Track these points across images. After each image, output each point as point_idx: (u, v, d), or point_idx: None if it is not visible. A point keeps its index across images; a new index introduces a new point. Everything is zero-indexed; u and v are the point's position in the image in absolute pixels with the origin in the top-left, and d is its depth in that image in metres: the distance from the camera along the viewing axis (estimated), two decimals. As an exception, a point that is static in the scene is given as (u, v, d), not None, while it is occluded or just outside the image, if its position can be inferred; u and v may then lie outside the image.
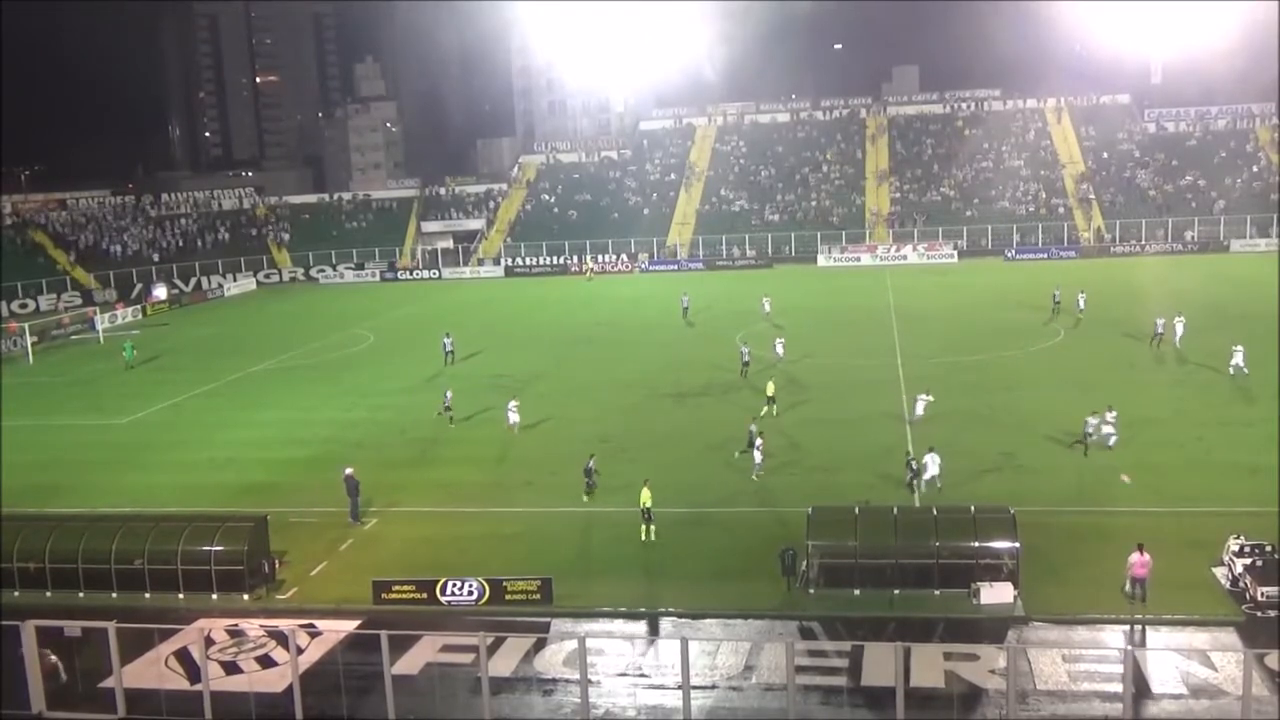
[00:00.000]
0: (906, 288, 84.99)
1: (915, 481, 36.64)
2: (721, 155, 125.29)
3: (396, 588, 30.06)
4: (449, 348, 62.36)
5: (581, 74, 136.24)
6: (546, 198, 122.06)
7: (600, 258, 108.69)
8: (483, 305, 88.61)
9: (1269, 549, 28.40)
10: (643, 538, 33.48)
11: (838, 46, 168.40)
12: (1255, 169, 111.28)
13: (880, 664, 24.30)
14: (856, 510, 31.30)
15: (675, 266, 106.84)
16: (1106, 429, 39.90)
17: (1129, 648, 25.12)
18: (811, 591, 29.38)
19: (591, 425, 46.99)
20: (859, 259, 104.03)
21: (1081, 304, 67.38)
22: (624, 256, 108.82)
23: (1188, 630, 26.85)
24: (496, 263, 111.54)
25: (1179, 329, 57.21)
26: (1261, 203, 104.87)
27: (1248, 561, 28.04)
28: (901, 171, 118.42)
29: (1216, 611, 27.44)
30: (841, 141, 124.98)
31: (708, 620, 28.41)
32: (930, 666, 24.72)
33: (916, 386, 50.57)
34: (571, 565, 31.74)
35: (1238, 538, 29.26)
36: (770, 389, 47.83)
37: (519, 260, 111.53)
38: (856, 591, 29.15)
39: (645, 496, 33.68)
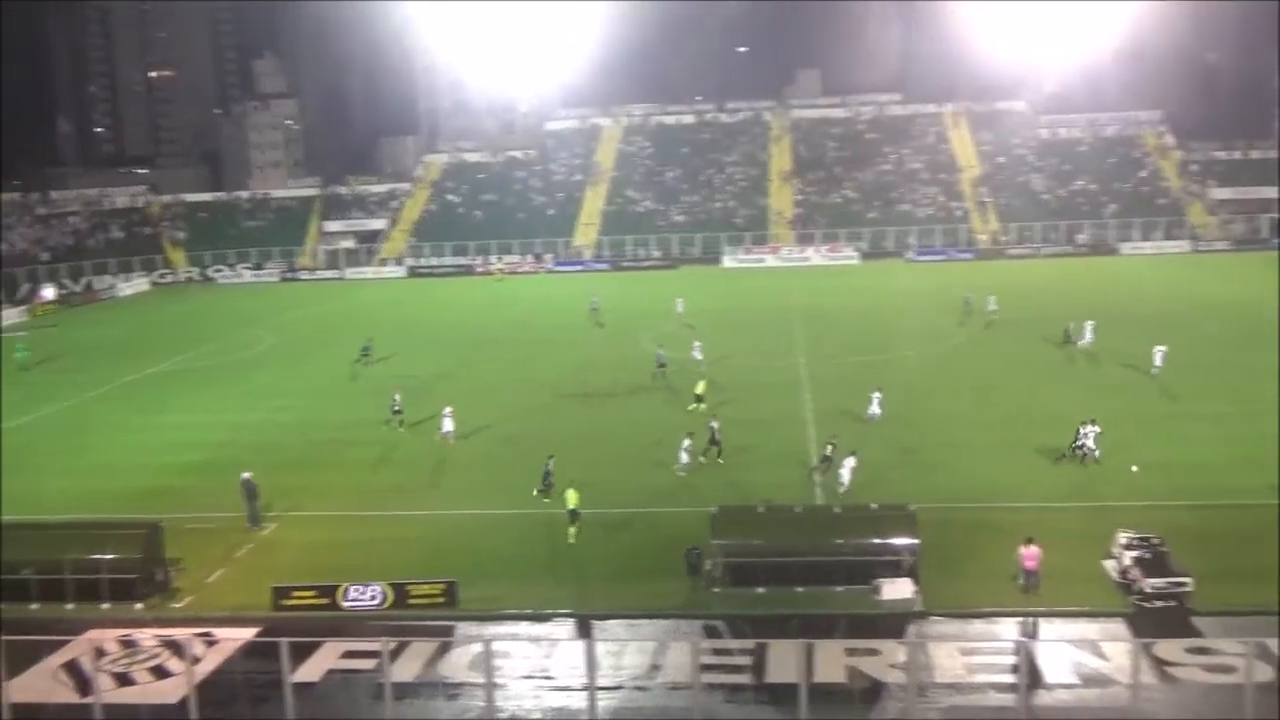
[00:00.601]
0: (810, 288, 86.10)
1: (822, 467, 37.42)
2: (627, 156, 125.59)
3: (297, 593, 29.53)
4: (368, 350, 61.62)
5: (486, 73, 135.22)
6: (451, 197, 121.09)
7: (505, 258, 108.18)
8: (388, 306, 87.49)
9: (1156, 542, 29.33)
10: (569, 539, 33.45)
11: (742, 49, 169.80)
12: (1143, 174, 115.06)
13: (784, 661, 24.54)
14: (761, 509, 31.62)
15: (581, 267, 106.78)
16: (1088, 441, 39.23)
17: (1024, 640, 25.72)
18: (717, 590, 29.58)
19: (500, 426, 46.72)
20: (763, 260, 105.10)
21: (992, 305, 68.81)
22: (530, 257, 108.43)
23: (1080, 622, 27.58)
24: (400, 263, 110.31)
25: (1088, 332, 58.79)
26: (1148, 207, 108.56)
27: (1136, 554, 28.91)
28: (804, 173, 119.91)
29: (1107, 603, 28.26)
30: (746, 143, 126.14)
31: (614, 621, 28.41)
32: (833, 662, 25.05)
33: (821, 387, 51.44)
34: (478, 568, 31.49)
35: (1126, 531, 30.16)
36: (700, 388, 48.32)
37: (423, 261, 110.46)
38: (761, 589, 29.43)
39: (572, 498, 33.69)
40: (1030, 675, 23.40)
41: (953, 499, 35.71)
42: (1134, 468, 37.86)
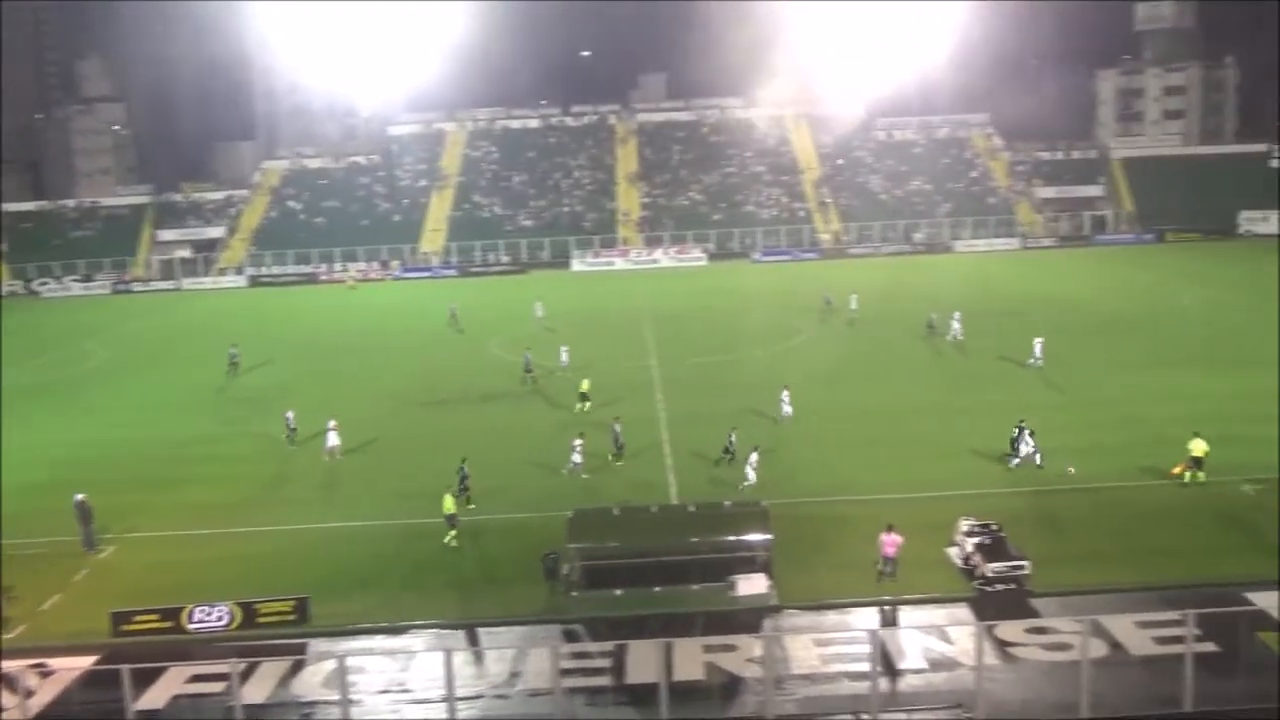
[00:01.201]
0: (661, 290, 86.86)
1: (726, 458, 38.85)
2: (473, 161, 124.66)
3: (138, 618, 28.37)
4: (235, 358, 59.71)
5: (325, 76, 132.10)
6: (292, 204, 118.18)
7: (353, 265, 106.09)
8: (229, 316, 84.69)
9: (995, 528, 30.54)
10: (446, 540, 33.35)
11: (585, 54, 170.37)
12: (974, 174, 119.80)
13: (643, 661, 24.70)
14: (616, 511, 31.72)
15: (429, 274, 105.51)
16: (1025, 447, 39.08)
17: (874, 629, 26.43)
18: (574, 594, 29.55)
19: (356, 435, 45.53)
20: (612, 263, 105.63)
21: (854, 305, 70.32)
22: (376, 264, 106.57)
23: (926, 608, 28.51)
24: (240, 272, 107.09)
25: (955, 324, 60.87)
26: (979, 206, 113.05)
27: (977, 541, 30.04)
28: (651, 177, 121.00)
29: (951, 589, 29.29)
30: (592, 147, 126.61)
31: (472, 630, 28.12)
32: (691, 660, 25.30)
33: (672, 387, 51.83)
34: (331, 582, 30.78)
35: (968, 519, 31.31)
36: (584, 385, 48.66)
37: (265, 270, 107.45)
38: (618, 591, 29.50)
39: (448, 503, 33.49)
40: (882, 662, 24.05)
41: (805, 494, 36.49)
42: (1070, 469, 38.05)
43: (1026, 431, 38.94)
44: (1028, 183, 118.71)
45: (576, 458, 39.31)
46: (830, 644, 26.39)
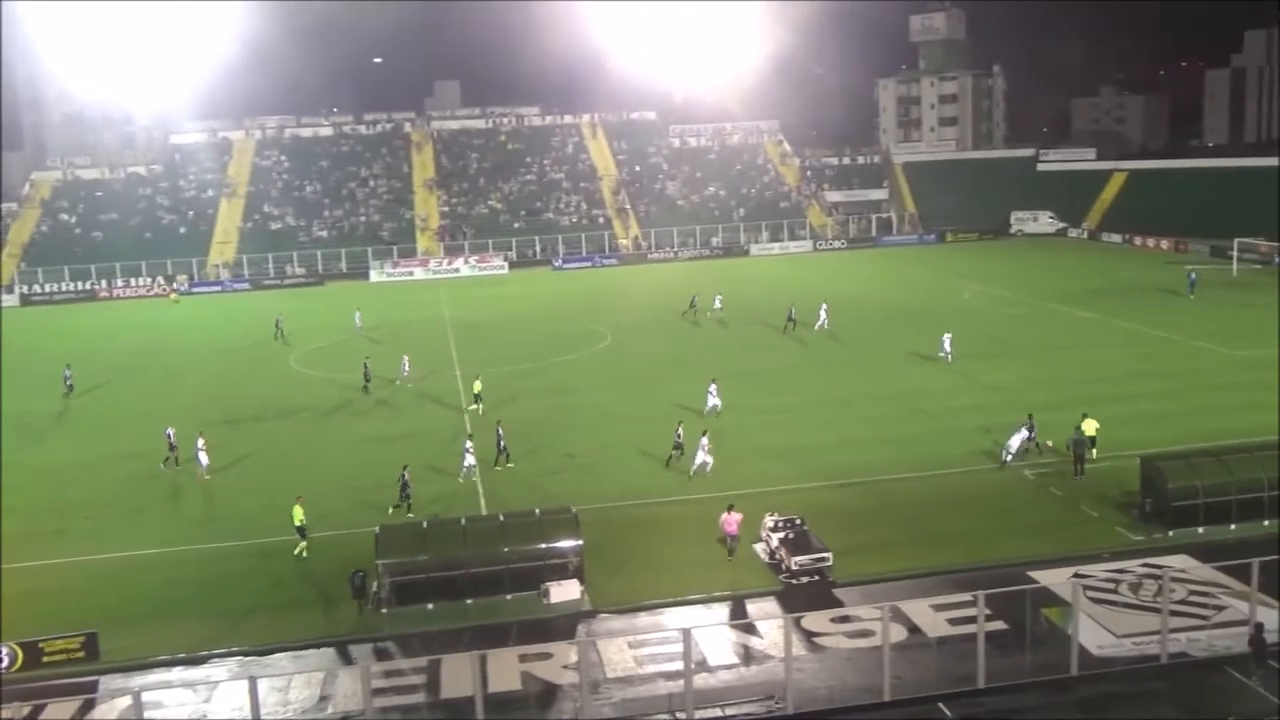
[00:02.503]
0: (461, 299, 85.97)
1: (675, 455, 39.60)
2: (263, 170, 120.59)
3: (-95, 666, 26.22)
4: (69, 380, 56.89)
5: (99, 82, 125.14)
6: (66, 218, 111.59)
7: (135, 280, 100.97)
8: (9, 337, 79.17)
9: (799, 523, 31.46)
10: (296, 552, 32.73)
11: (377, 60, 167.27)
12: (766, 179, 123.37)
13: (458, 675, 24.37)
14: (424, 524, 31.26)
15: (219, 287, 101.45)
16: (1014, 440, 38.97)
17: (687, 627, 26.83)
18: (384, 611, 28.95)
19: (151, 456, 43.35)
20: (412, 273, 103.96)
21: (718, 304, 72.47)
22: (160, 279, 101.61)
23: (736, 604, 29.09)
24: (11, 290, 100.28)
25: (822, 315, 64.02)
26: (773, 210, 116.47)
27: (782, 535, 30.89)
28: (449, 185, 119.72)
29: (760, 584, 30.00)
30: (387, 155, 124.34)
31: (277, 655, 27.13)
32: (507, 670, 25.12)
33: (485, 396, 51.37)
34: (122, 615, 29.16)
35: (773, 515, 32.15)
36: (477, 386, 49.12)
37: (37, 287, 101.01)
38: (430, 605, 29.07)
39: (297, 514, 32.87)
40: (695, 660, 24.41)
41: (615, 498, 36.75)
42: (1049, 443, 39.10)
43: (1025, 427, 38.83)
44: (816, 187, 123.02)
45: (470, 460, 39.13)
46: (644, 645, 26.65)
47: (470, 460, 39.28)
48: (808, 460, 40.02)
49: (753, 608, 28.78)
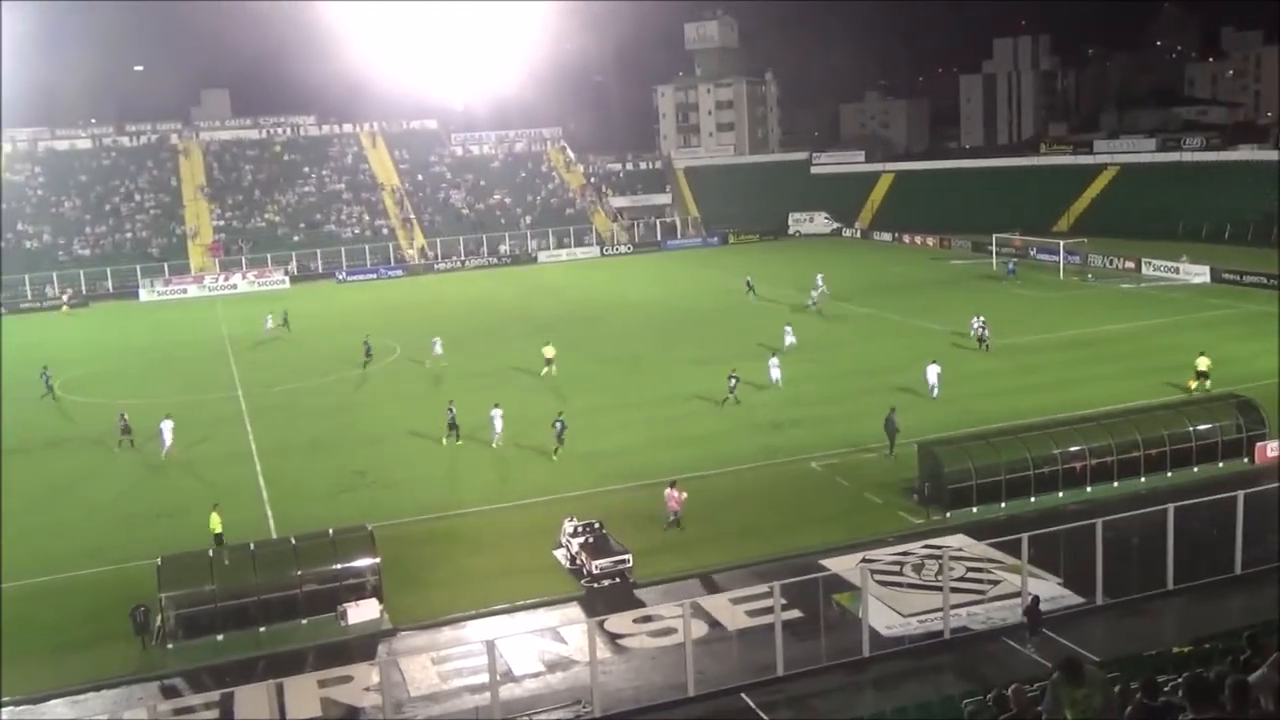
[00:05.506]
0: (238, 317, 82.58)
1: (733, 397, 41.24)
2: (15, 186, 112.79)
3: None
4: (49, 381, 55.53)
5: None
6: None
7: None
8: None
9: (598, 526, 31.63)
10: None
11: (139, 68, 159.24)
12: (551, 186, 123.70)
13: (253, 706, 23.45)
14: (210, 552, 29.94)
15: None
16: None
17: (490, 639, 26.60)
18: (170, 646, 27.55)
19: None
20: (186, 290, 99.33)
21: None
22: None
23: (539, 612, 29.01)
24: None
25: (816, 290, 68.07)
26: (559, 217, 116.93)
27: (581, 540, 30.99)
28: (222, 198, 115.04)
29: (562, 590, 30.00)
30: (153, 168, 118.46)
31: (53, 702, 25.39)
32: (306, 697, 24.28)
33: (261, 418, 49.73)
34: None
35: (571, 520, 32.21)
36: (549, 351, 54.01)
37: None
38: (220, 637, 27.87)
39: (214, 522, 32.04)
40: (500, 672, 24.22)
41: (410, 514, 36.13)
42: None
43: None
44: (600, 193, 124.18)
45: (498, 424, 42.25)
46: (448, 660, 26.27)
47: (499, 426, 42.47)
48: (604, 464, 40.26)
49: (556, 614, 28.76)
